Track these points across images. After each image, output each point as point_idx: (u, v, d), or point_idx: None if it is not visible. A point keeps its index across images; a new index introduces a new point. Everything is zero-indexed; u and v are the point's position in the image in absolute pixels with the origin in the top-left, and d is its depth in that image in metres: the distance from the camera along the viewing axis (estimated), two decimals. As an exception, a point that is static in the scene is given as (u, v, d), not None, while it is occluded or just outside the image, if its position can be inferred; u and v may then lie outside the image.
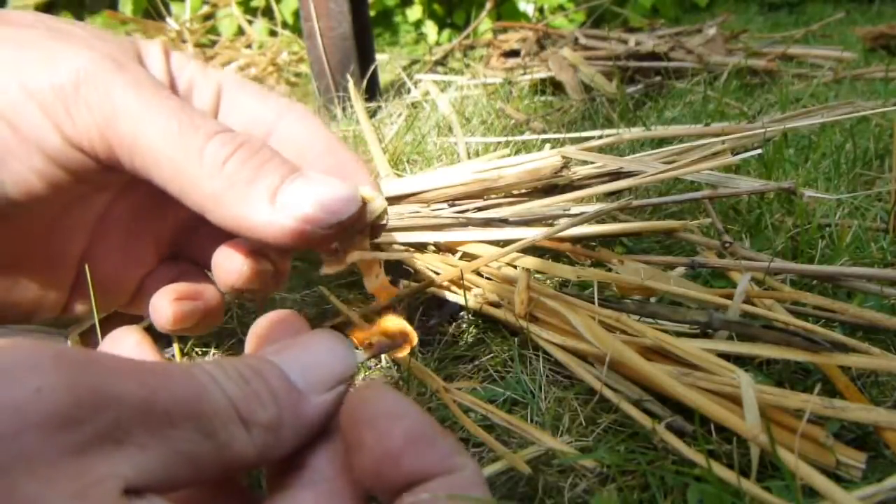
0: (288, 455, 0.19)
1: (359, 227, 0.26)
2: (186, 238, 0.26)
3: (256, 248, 0.28)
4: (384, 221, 0.28)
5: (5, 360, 0.15)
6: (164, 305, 0.30)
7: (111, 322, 0.37)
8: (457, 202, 0.52)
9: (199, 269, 0.32)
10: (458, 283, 0.42)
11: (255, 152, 0.24)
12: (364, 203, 0.26)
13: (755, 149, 0.50)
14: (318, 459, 0.20)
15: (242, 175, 0.23)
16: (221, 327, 0.42)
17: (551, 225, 0.47)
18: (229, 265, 0.28)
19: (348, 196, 0.24)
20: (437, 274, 0.44)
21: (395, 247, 0.48)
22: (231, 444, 0.17)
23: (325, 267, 0.28)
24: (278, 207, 0.23)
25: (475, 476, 0.19)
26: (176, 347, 0.41)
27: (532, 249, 0.44)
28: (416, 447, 0.18)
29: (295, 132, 0.29)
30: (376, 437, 0.18)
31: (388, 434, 0.18)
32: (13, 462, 0.13)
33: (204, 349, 0.42)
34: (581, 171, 0.53)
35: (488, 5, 1.65)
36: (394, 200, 0.52)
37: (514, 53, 1.27)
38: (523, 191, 0.53)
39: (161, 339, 0.42)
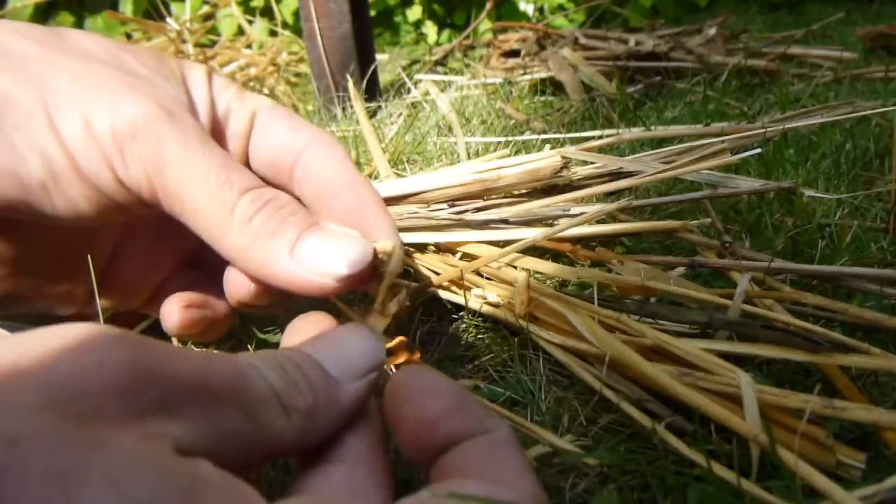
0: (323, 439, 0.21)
1: (375, 275, 0.28)
2: (204, 249, 0.28)
3: None
4: (398, 270, 0.29)
5: (75, 337, 0.17)
6: (174, 311, 0.32)
7: (114, 322, 0.37)
8: (457, 202, 0.52)
9: (213, 279, 0.34)
10: (458, 283, 0.42)
11: (279, 208, 0.26)
12: (376, 255, 0.27)
13: (755, 149, 0.50)
14: (350, 438, 0.22)
15: (266, 230, 0.25)
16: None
17: (551, 225, 0.47)
18: (239, 281, 0.29)
19: (360, 251, 0.26)
20: (437, 274, 0.44)
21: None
22: (271, 427, 0.19)
23: (372, 324, 0.29)
24: (295, 261, 0.25)
25: (508, 435, 0.21)
26: (176, 344, 0.41)
27: (532, 250, 0.44)
28: (452, 413, 0.21)
29: (319, 164, 0.30)
30: (415, 409, 0.21)
31: (427, 405, 0.21)
32: (85, 413, 0.15)
33: (203, 349, 0.42)
34: (581, 171, 0.52)
35: (488, 5, 1.65)
36: (394, 201, 0.52)
37: (514, 53, 1.27)
38: (523, 191, 0.53)
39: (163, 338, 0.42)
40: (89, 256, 0.31)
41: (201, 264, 0.36)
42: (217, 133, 0.30)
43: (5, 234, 0.28)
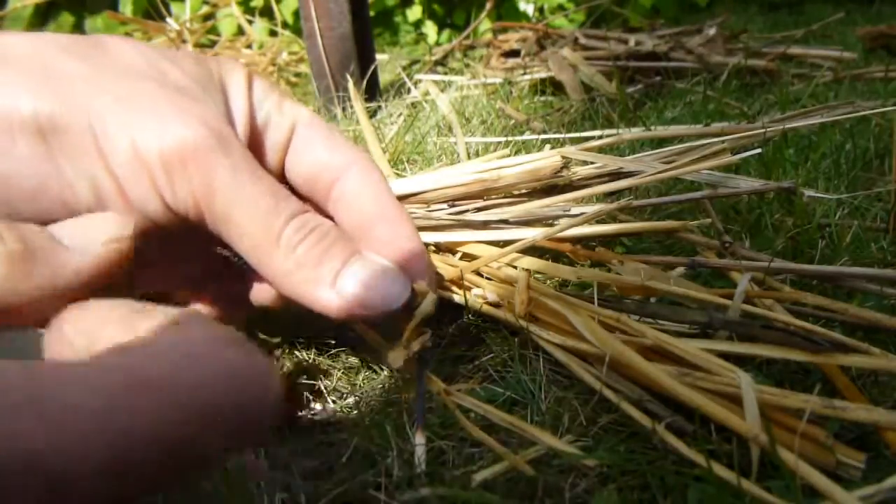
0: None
1: (409, 312, 0.29)
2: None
3: None
4: (430, 311, 0.30)
5: None
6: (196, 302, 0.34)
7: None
8: (457, 202, 0.52)
9: (243, 274, 0.34)
10: (458, 283, 0.42)
11: (323, 236, 0.27)
12: (415, 293, 0.28)
13: (755, 149, 0.50)
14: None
15: (311, 258, 0.26)
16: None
17: (551, 225, 0.47)
18: (265, 287, 0.31)
19: (399, 289, 0.28)
20: (437, 274, 0.44)
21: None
22: None
23: (391, 358, 0.30)
24: (337, 290, 0.26)
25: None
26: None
27: (532, 250, 0.44)
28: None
29: (357, 190, 0.31)
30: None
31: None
32: None
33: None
34: (581, 171, 0.52)
35: (488, 5, 1.65)
36: (394, 200, 0.52)
37: (514, 53, 1.27)
38: (523, 191, 0.53)
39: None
40: None
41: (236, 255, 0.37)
42: (255, 143, 0.30)
43: None
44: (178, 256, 0.34)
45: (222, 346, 0.19)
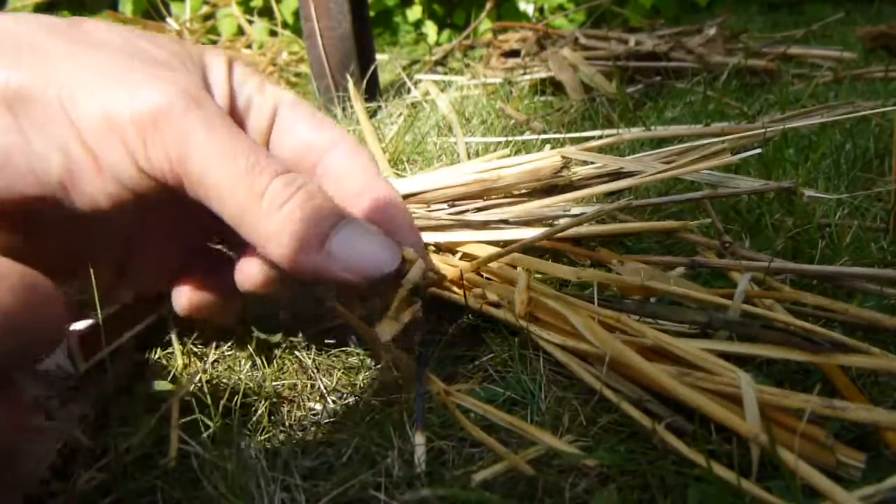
0: None
1: (398, 281, 0.28)
2: (225, 230, 0.28)
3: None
4: (418, 279, 0.28)
5: None
6: (183, 295, 0.33)
7: (119, 320, 0.37)
8: (457, 202, 0.52)
9: (231, 263, 0.34)
10: (458, 283, 0.42)
11: (311, 196, 0.25)
12: (404, 260, 0.27)
13: (755, 149, 0.50)
14: None
15: (297, 218, 0.25)
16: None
17: (551, 225, 0.47)
18: (248, 271, 0.29)
19: (390, 255, 0.26)
20: (439, 274, 0.44)
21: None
22: None
23: (380, 330, 0.28)
24: (326, 254, 0.25)
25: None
26: (177, 348, 0.41)
27: (532, 250, 0.44)
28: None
29: (343, 165, 0.30)
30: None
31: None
32: None
33: (203, 349, 0.42)
34: (581, 171, 0.53)
35: (488, 5, 1.65)
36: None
37: (514, 53, 1.27)
38: (523, 191, 0.53)
39: (161, 333, 0.42)
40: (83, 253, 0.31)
41: (226, 243, 0.36)
42: (237, 125, 0.30)
43: (22, 227, 0.28)
44: (163, 250, 0.34)
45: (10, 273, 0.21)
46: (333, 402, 0.38)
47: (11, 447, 0.23)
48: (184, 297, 0.33)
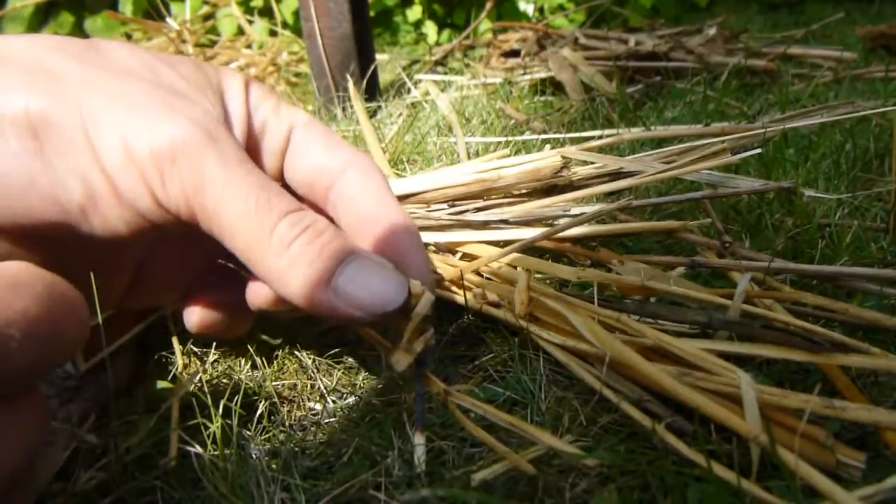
0: None
1: (405, 313, 0.28)
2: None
3: None
4: (426, 312, 0.29)
5: None
6: (194, 312, 0.33)
7: (119, 320, 0.37)
8: (457, 202, 0.52)
9: (242, 281, 0.34)
10: (458, 283, 0.42)
11: (318, 234, 0.26)
12: (411, 294, 0.27)
13: (755, 149, 0.50)
14: None
15: (304, 257, 0.25)
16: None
17: (551, 225, 0.47)
18: (259, 290, 0.30)
19: (395, 290, 0.26)
20: (438, 275, 0.44)
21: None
22: None
23: (394, 360, 0.29)
24: (332, 291, 0.25)
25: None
26: (177, 348, 0.41)
27: (532, 250, 0.44)
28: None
29: (355, 191, 0.30)
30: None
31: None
32: None
33: (203, 349, 0.42)
34: (581, 171, 0.52)
35: (488, 5, 1.65)
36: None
37: (514, 53, 1.27)
38: (523, 191, 0.53)
39: (161, 333, 0.42)
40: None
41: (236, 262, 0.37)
42: (253, 148, 0.30)
43: (38, 246, 0.28)
44: (176, 265, 0.34)
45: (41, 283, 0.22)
46: (333, 402, 0.38)
47: (35, 450, 0.23)
48: (195, 316, 0.33)
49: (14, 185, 0.24)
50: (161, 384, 0.38)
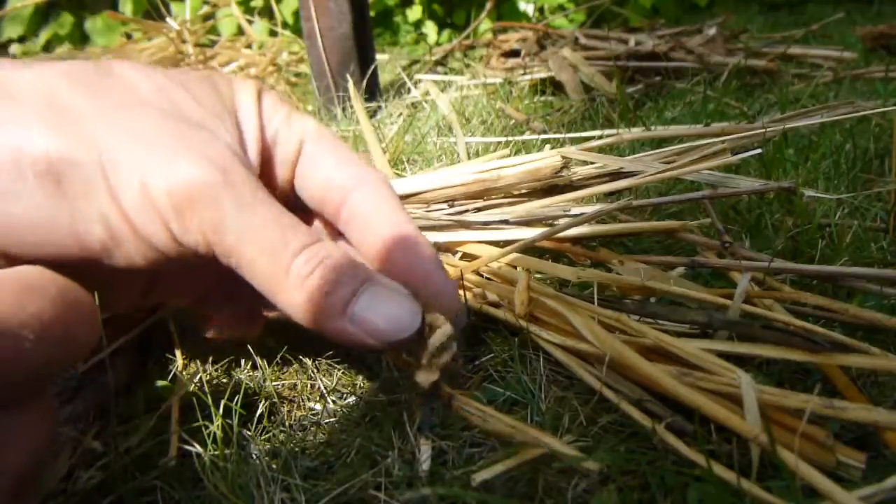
0: None
1: (422, 339, 0.28)
2: None
3: None
4: (443, 341, 0.29)
5: None
6: (208, 317, 0.35)
7: (119, 320, 0.37)
8: (457, 202, 0.52)
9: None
10: (459, 283, 0.42)
11: (333, 268, 0.27)
12: (425, 322, 0.28)
13: (755, 149, 0.50)
14: None
15: (321, 289, 0.26)
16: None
17: (551, 225, 0.47)
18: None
19: (410, 316, 0.27)
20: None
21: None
22: None
23: (420, 378, 0.29)
24: (348, 320, 0.27)
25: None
26: (177, 348, 0.41)
27: (532, 250, 0.44)
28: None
29: (368, 209, 0.31)
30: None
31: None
32: None
33: (203, 349, 0.42)
34: (581, 171, 0.53)
35: (488, 5, 1.65)
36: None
37: (514, 53, 1.27)
38: (523, 191, 0.53)
39: (161, 333, 0.42)
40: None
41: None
42: (266, 159, 0.31)
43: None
44: (191, 271, 0.34)
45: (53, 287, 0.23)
46: (333, 402, 0.38)
47: (43, 454, 0.24)
48: (209, 321, 0.34)
49: (37, 226, 0.25)
50: (161, 384, 0.38)
